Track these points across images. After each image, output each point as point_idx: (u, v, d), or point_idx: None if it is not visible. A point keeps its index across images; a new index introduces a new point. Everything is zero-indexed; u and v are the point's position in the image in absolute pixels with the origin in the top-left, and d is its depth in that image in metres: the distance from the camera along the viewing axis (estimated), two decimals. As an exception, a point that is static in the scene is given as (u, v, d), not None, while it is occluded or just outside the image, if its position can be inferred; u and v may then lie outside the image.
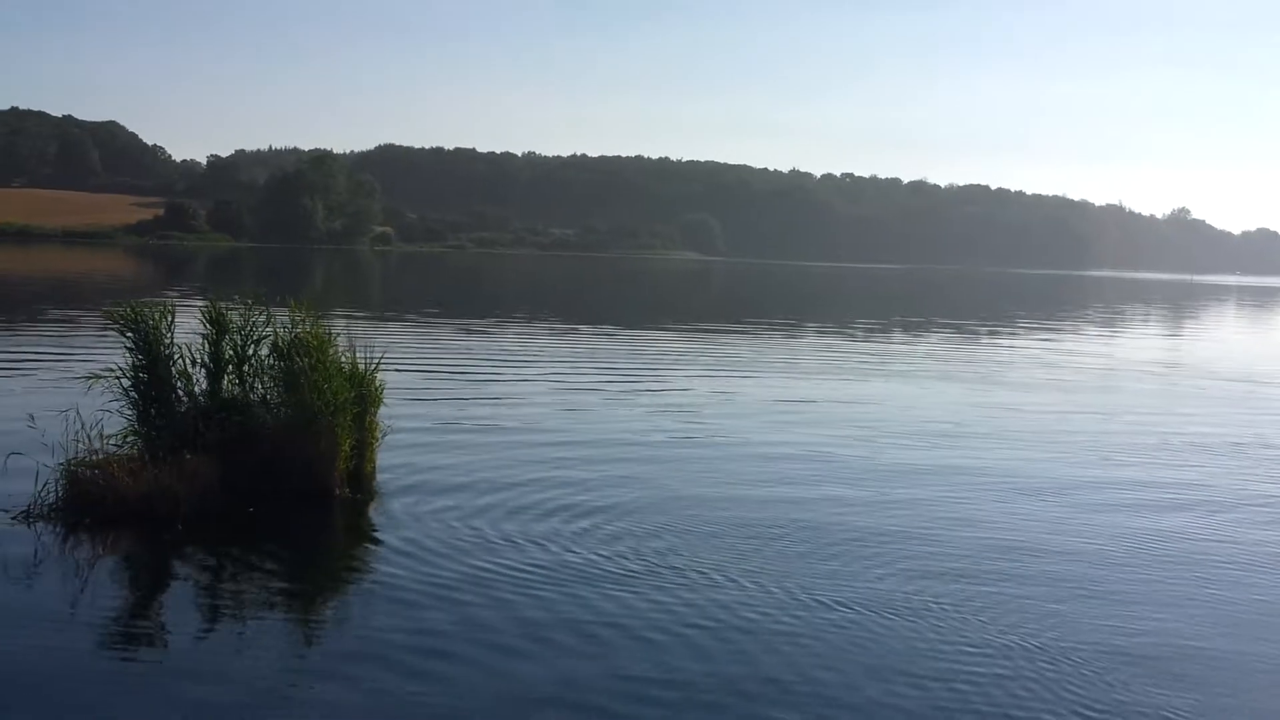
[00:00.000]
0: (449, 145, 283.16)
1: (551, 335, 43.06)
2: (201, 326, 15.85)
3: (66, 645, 10.15)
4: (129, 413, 15.34)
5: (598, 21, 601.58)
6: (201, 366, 15.73)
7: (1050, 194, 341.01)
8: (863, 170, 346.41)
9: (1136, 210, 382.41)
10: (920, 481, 17.92)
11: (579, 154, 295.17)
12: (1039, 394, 30.24)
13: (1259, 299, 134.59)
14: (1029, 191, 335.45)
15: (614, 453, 19.20)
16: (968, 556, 13.73)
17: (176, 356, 15.53)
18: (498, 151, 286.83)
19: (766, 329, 51.60)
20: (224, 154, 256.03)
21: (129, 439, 15.23)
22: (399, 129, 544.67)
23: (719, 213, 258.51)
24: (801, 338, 48.40)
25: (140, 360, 15.38)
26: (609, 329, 47.22)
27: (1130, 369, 38.74)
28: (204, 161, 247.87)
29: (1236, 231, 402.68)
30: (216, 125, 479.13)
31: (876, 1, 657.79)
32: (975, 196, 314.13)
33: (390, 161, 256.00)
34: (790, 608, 11.57)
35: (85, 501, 13.68)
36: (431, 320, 46.87)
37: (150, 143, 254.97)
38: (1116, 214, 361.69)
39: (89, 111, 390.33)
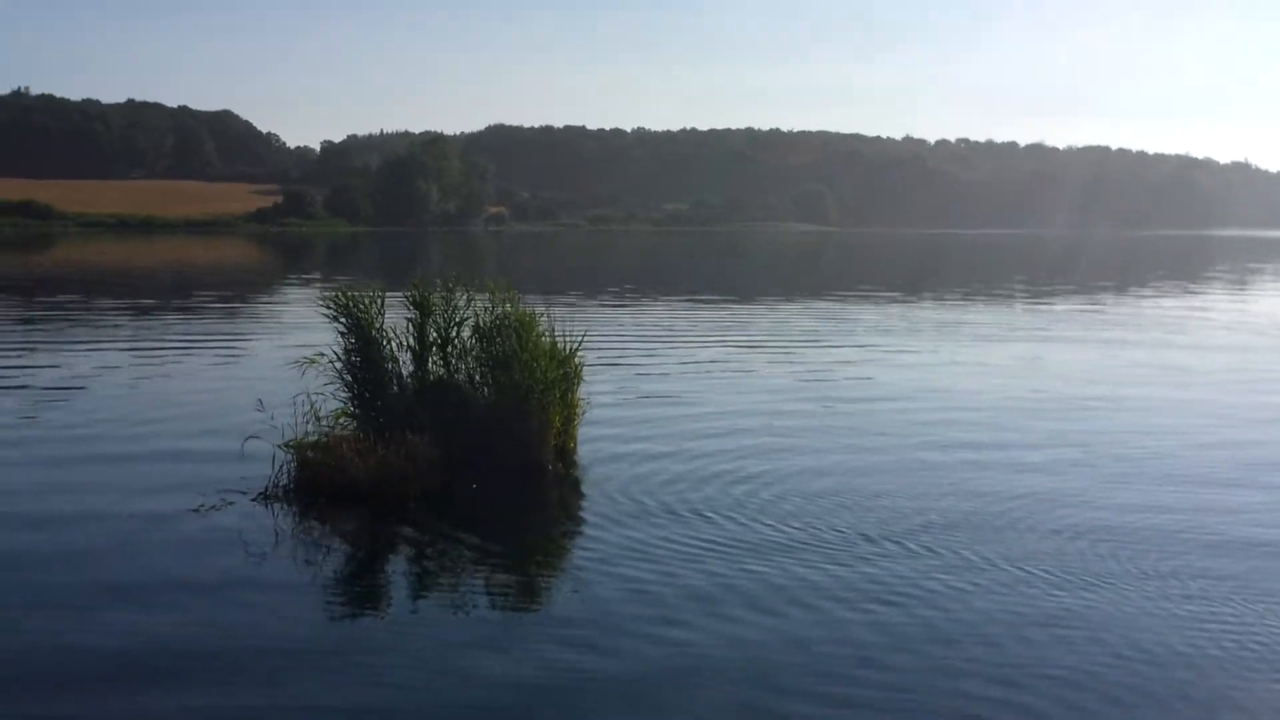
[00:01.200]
0: (558, 123, 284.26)
1: (695, 308, 42.92)
2: (406, 310, 15.97)
3: (299, 617, 10.36)
4: (343, 395, 15.63)
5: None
6: (408, 349, 15.87)
7: (1172, 153, 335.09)
8: (978, 135, 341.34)
9: (1264, 167, 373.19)
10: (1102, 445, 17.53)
11: (688, 128, 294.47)
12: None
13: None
14: (1150, 151, 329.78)
15: (785, 423, 19.18)
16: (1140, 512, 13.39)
17: (386, 340, 15.72)
18: (607, 128, 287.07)
19: (899, 298, 51.01)
20: (336, 140, 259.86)
21: (342, 420, 15.50)
22: (507, 109, 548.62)
23: (832, 183, 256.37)
24: (942, 305, 47.78)
25: (354, 344, 15.61)
26: (753, 301, 47.06)
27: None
28: (317, 148, 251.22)
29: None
30: (328, 111, 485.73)
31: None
32: (1095, 157, 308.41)
33: (500, 142, 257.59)
34: (965, 572, 11.44)
35: (318, 483, 13.93)
36: (572, 297, 46.98)
37: (264, 130, 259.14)
38: (1243, 171, 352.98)
39: (203, 101, 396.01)
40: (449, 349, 15.93)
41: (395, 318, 16.06)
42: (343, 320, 15.69)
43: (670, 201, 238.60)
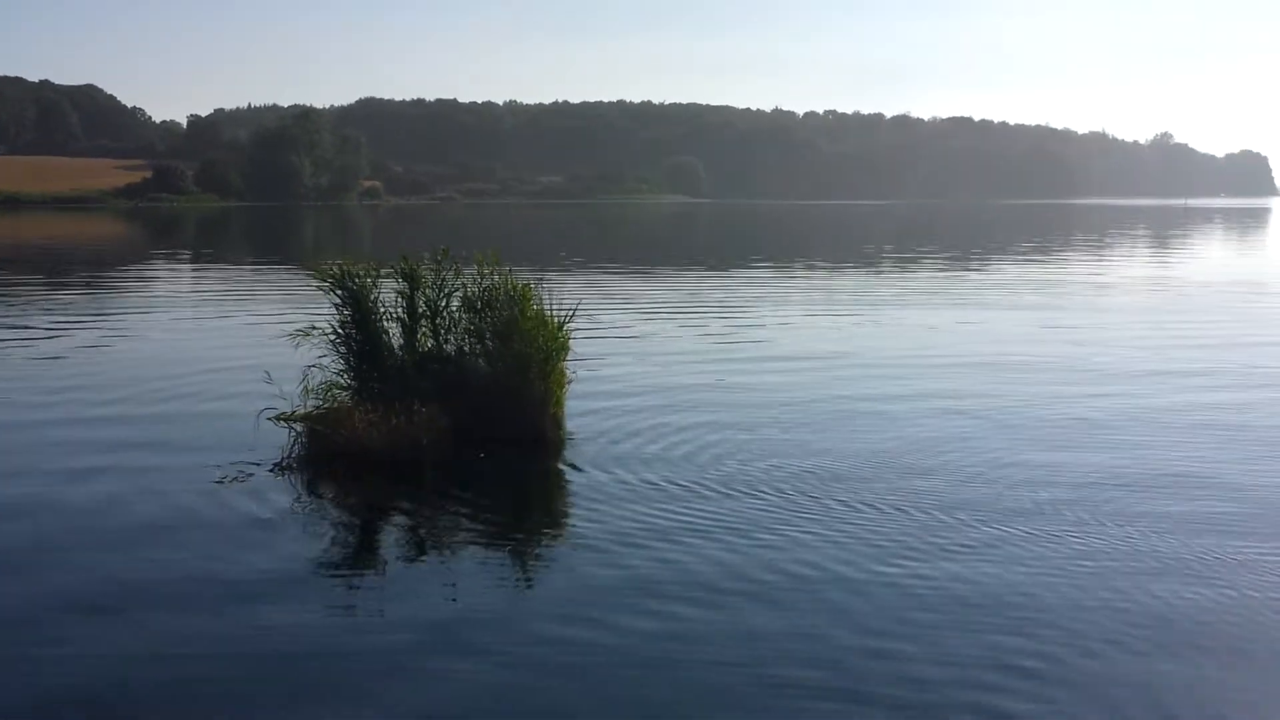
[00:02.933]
0: (430, 96, 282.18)
1: (605, 279, 43.36)
2: (395, 283, 16.33)
3: (313, 585, 10.68)
4: (339, 366, 15.99)
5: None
6: (397, 321, 16.26)
7: (1033, 123, 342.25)
8: (845, 107, 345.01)
9: (1120, 136, 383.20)
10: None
11: (561, 101, 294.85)
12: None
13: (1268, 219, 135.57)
14: (1012, 122, 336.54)
15: (745, 396, 19.65)
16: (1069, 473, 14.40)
17: (379, 312, 16.13)
18: (479, 101, 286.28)
19: (786, 267, 52.10)
20: (203, 114, 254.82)
21: (333, 392, 15.87)
22: (378, 82, 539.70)
23: (703, 154, 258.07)
24: (848, 273, 48.96)
25: (349, 315, 15.99)
26: (655, 272, 47.70)
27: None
28: (184, 122, 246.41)
29: (1220, 154, 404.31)
30: (194, 85, 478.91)
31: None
32: (959, 129, 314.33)
33: (372, 115, 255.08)
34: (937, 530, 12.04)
35: (331, 452, 14.25)
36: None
37: (129, 105, 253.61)
38: (1100, 141, 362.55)
39: (66, 75, 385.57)
40: (438, 320, 16.33)
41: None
42: (338, 292, 16.02)
43: (545, 174, 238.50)
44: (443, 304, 16.30)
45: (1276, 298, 39.17)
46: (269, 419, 15.55)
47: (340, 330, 15.99)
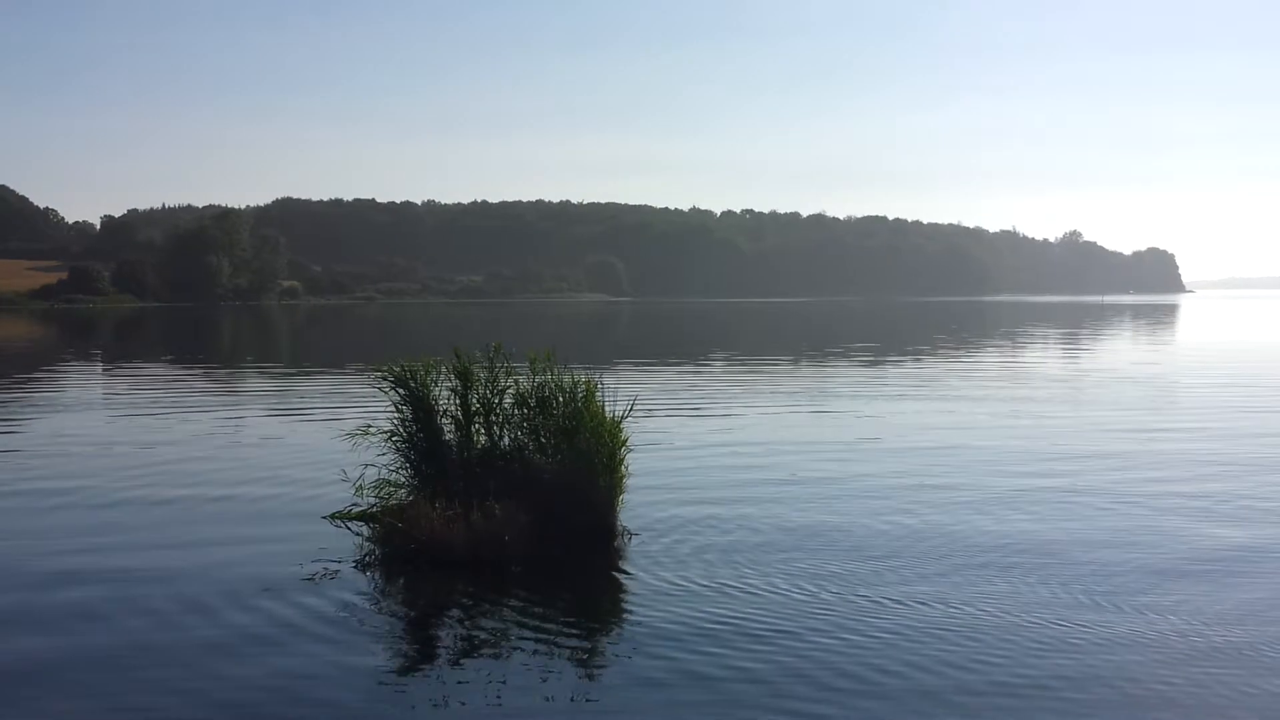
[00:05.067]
0: (347, 196, 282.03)
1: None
2: (449, 380, 16.22)
3: (414, 685, 10.58)
4: (398, 464, 15.85)
5: (488, 66, 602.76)
6: (450, 419, 16.11)
7: (946, 222, 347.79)
8: (762, 205, 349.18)
9: (1030, 234, 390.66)
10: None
11: (479, 200, 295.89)
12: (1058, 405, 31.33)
13: (1178, 314, 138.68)
14: (925, 220, 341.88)
15: (793, 490, 19.83)
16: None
17: (439, 411, 16.01)
18: (398, 201, 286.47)
19: (711, 361, 52.30)
20: (116, 214, 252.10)
21: (388, 490, 15.74)
22: (295, 182, 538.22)
23: (622, 253, 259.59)
24: (782, 369, 49.25)
25: (409, 414, 15.85)
26: (609, 368, 47.76)
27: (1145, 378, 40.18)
28: (97, 223, 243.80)
29: (1128, 251, 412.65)
30: (107, 185, 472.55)
31: (762, 34, 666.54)
32: (874, 227, 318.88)
33: (289, 215, 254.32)
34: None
35: (410, 549, 14.02)
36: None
37: (41, 205, 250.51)
38: (1011, 239, 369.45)
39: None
40: (491, 417, 16.18)
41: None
42: (399, 391, 15.92)
43: (464, 274, 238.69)
44: (496, 401, 16.16)
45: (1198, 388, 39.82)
46: (338, 517, 15.43)
47: (401, 429, 15.88)
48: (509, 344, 16.58)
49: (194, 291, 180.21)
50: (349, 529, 15.93)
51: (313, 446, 23.94)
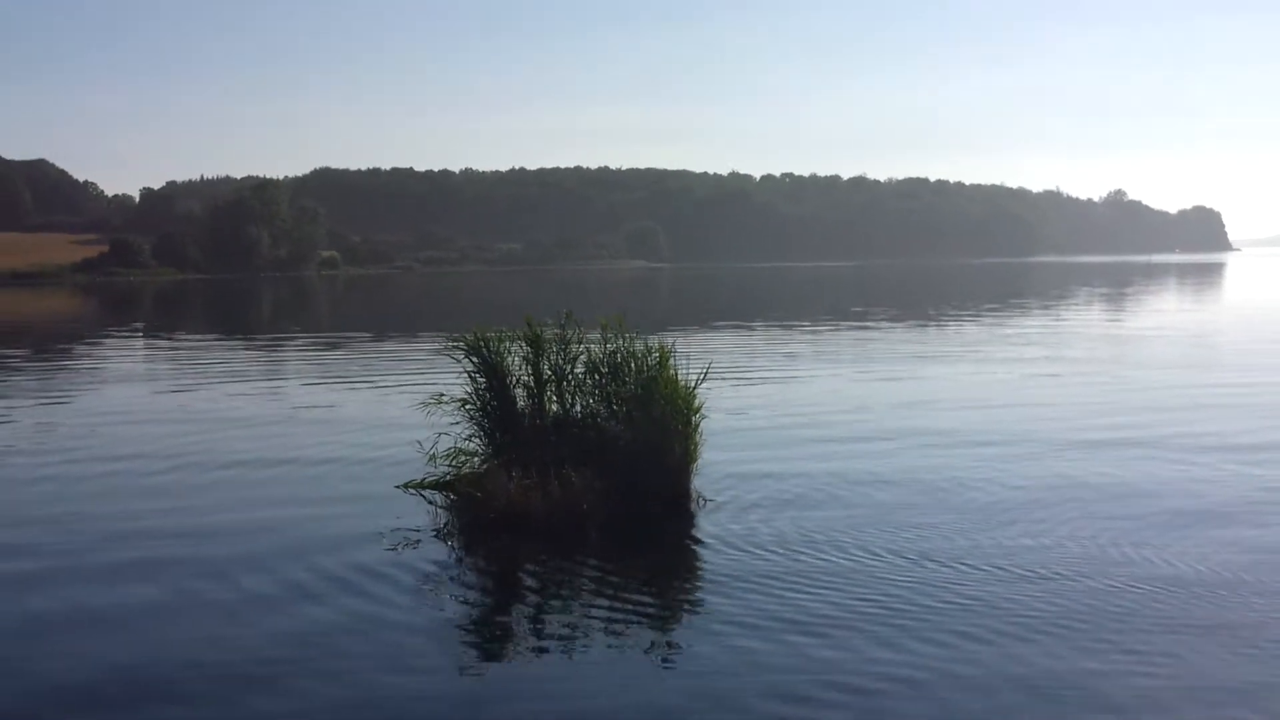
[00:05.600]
0: (385, 166, 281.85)
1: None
2: (521, 348, 15.92)
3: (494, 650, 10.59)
4: (473, 432, 15.52)
5: (525, 33, 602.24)
6: (522, 386, 15.66)
7: (988, 183, 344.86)
8: (802, 169, 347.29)
9: (1073, 194, 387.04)
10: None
11: (517, 167, 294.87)
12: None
13: (1224, 273, 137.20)
14: (968, 182, 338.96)
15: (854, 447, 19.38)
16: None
17: (512, 379, 15.68)
18: (435, 170, 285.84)
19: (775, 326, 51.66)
20: (155, 186, 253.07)
21: (461, 458, 15.35)
22: (333, 152, 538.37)
23: (662, 219, 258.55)
24: (877, 330, 48.58)
25: (483, 383, 15.44)
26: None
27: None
28: (137, 195, 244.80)
29: (1173, 210, 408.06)
30: (146, 157, 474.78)
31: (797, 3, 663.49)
32: (915, 189, 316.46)
33: (327, 185, 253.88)
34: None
35: (488, 517, 13.61)
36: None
37: (81, 179, 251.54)
38: (1055, 199, 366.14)
39: (14, 150, 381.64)
40: (563, 384, 15.68)
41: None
42: (473, 360, 15.46)
43: (503, 242, 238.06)
44: (568, 368, 15.64)
45: None
46: (412, 486, 15.19)
47: (475, 397, 15.43)
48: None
49: (234, 263, 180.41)
50: (424, 497, 15.55)
51: (375, 416, 23.77)
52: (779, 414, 23.34)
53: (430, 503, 15.28)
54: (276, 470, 18.38)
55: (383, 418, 23.21)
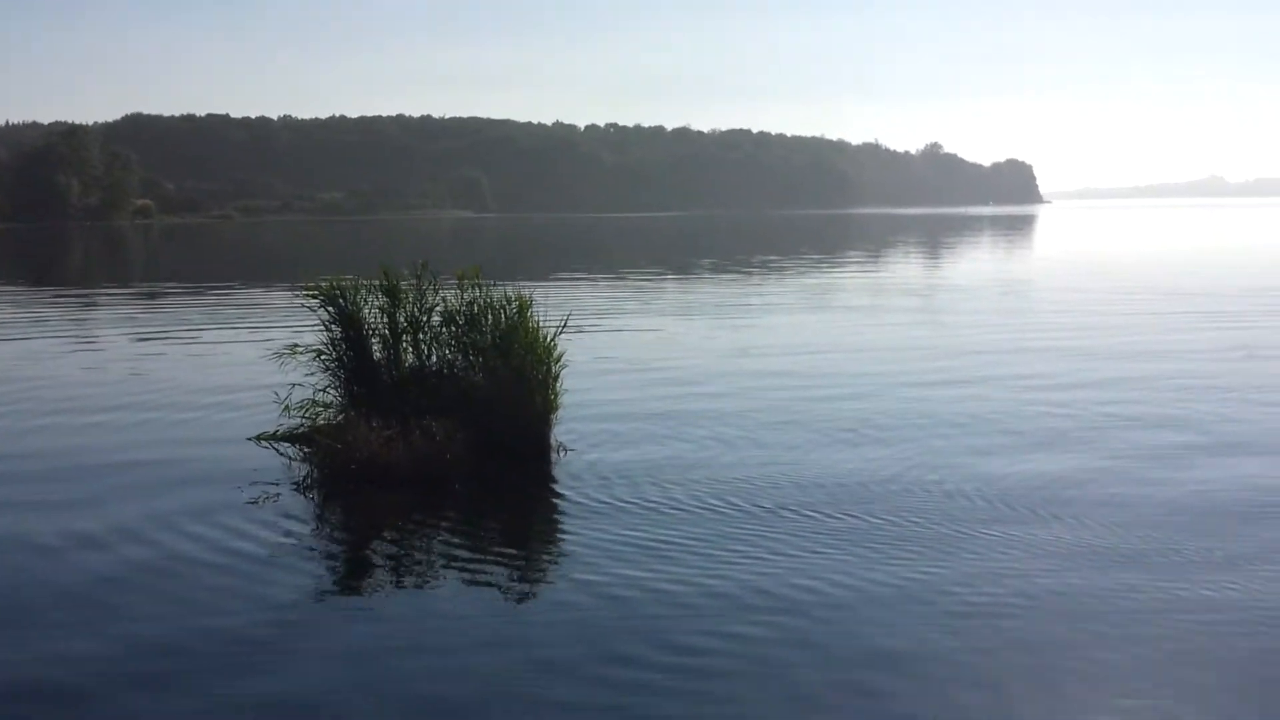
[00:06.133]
0: (200, 112, 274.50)
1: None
2: (376, 299, 15.64)
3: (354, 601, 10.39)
4: (328, 383, 15.38)
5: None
6: (378, 337, 15.50)
7: (809, 135, 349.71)
8: (626, 120, 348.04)
9: (892, 147, 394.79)
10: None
11: (338, 115, 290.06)
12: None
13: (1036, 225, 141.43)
14: (789, 133, 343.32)
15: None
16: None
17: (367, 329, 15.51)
18: (253, 116, 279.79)
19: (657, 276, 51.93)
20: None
21: (316, 409, 15.22)
22: (145, 97, 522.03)
23: (486, 168, 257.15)
24: (697, 281, 49.00)
25: (339, 334, 15.27)
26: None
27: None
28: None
29: (987, 163, 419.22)
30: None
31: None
32: (738, 140, 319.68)
33: (140, 132, 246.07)
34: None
35: (352, 469, 13.52)
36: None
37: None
38: (874, 152, 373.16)
39: None
40: (419, 335, 15.57)
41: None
42: (329, 309, 15.25)
43: (324, 190, 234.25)
44: (424, 319, 15.54)
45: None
46: (265, 438, 14.97)
47: (331, 348, 15.24)
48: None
49: (43, 211, 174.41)
50: (277, 450, 15.27)
51: (216, 369, 23.17)
52: (616, 362, 23.41)
53: (285, 455, 14.95)
54: (112, 416, 17.97)
55: (225, 370, 22.69)
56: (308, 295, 15.43)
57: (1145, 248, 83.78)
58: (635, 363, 23.63)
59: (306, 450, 14.84)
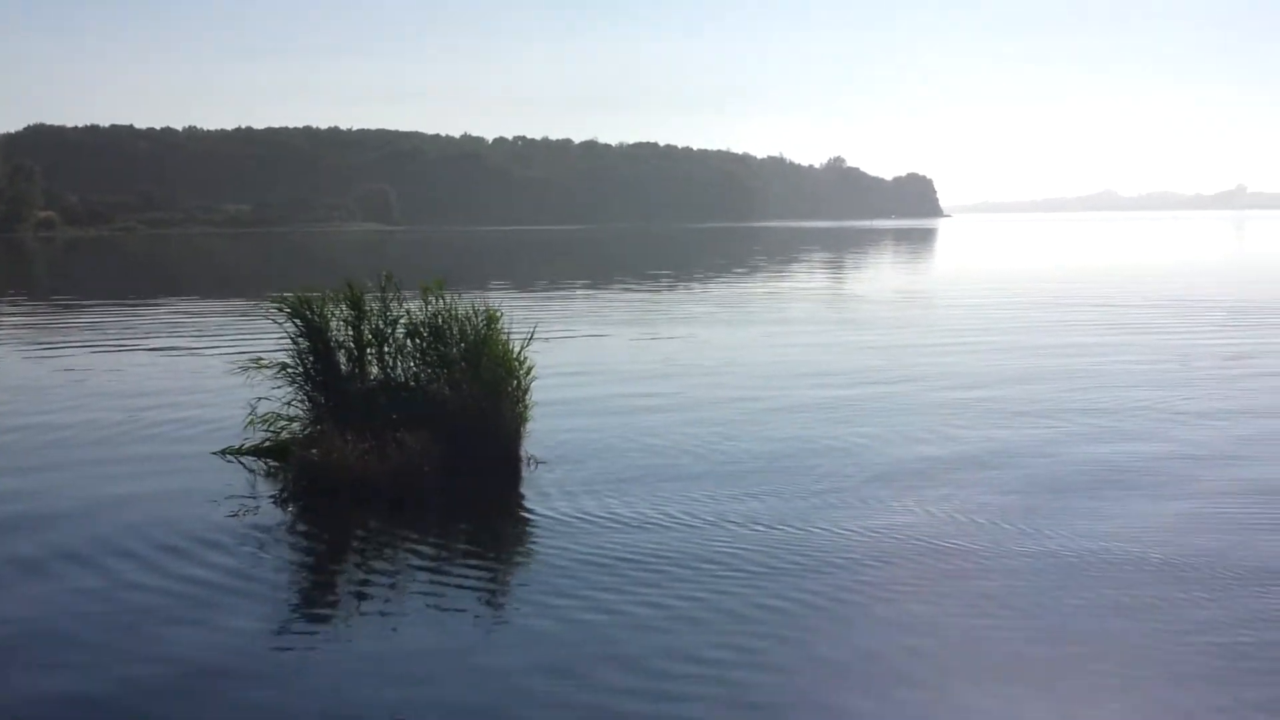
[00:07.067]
0: (104, 123, 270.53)
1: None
2: (341, 311, 15.99)
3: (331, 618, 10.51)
4: (297, 396, 15.75)
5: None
6: (343, 350, 15.90)
7: (715, 148, 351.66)
8: (534, 132, 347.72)
9: (796, 161, 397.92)
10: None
11: (244, 126, 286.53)
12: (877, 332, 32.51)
13: (956, 238, 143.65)
14: (695, 147, 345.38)
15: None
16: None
17: (336, 342, 15.88)
18: (158, 127, 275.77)
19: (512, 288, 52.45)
20: None
21: (281, 423, 15.64)
22: (49, 108, 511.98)
23: (394, 181, 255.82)
24: (619, 293, 49.60)
25: (307, 346, 15.65)
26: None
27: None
28: None
29: (889, 177, 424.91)
30: None
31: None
32: (645, 153, 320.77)
33: (42, 142, 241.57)
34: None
35: (328, 483, 13.87)
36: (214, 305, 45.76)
37: None
38: (778, 165, 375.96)
39: None
40: (384, 348, 16.01)
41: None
42: (296, 322, 15.65)
43: (231, 202, 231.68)
44: (389, 331, 15.99)
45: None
46: (231, 452, 15.43)
47: (298, 360, 15.65)
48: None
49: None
50: (243, 464, 15.62)
51: (165, 382, 23.28)
52: (570, 370, 23.84)
53: (251, 470, 15.22)
54: (66, 434, 18.01)
55: (173, 384, 22.93)
56: (275, 307, 15.78)
57: (1044, 260, 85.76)
58: (588, 371, 24.23)
59: (275, 464, 15.25)
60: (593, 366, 25.35)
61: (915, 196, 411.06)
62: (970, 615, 10.13)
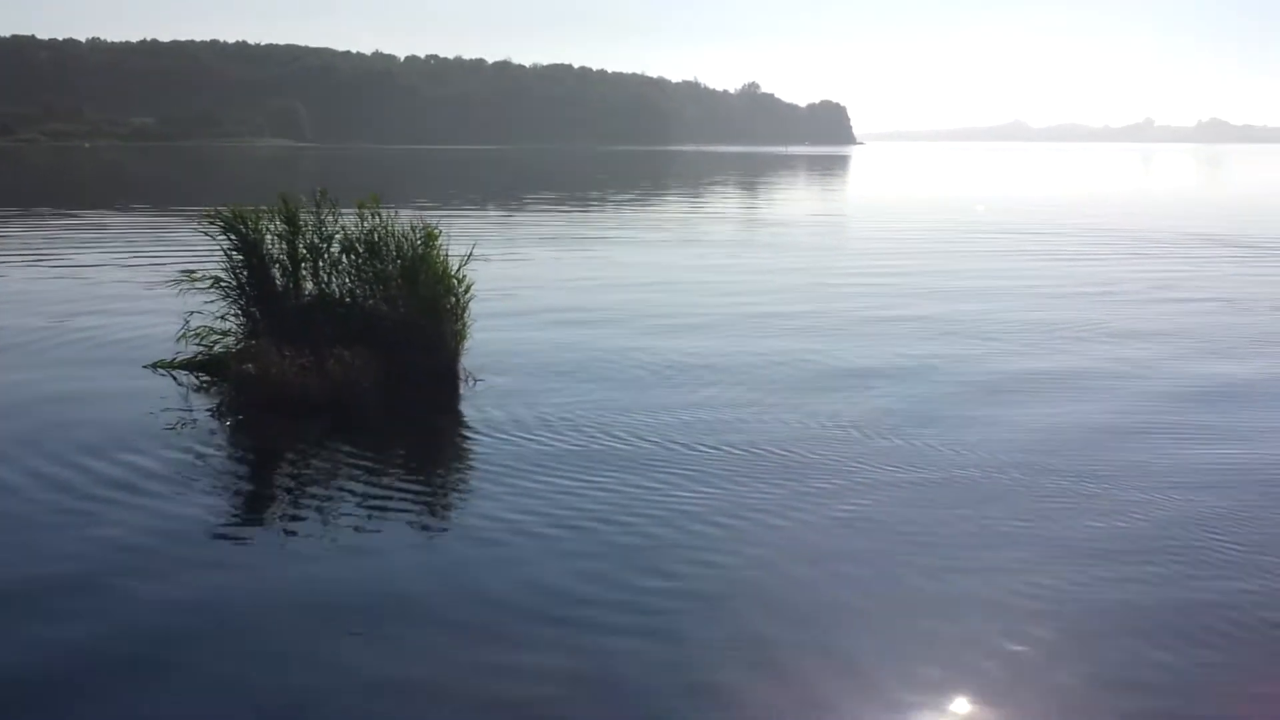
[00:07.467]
0: (4, 32, 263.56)
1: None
2: (276, 225, 15.78)
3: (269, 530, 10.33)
4: (231, 311, 15.62)
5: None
6: (277, 265, 15.76)
7: (630, 71, 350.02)
8: (447, 52, 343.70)
9: (711, 86, 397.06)
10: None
11: (149, 39, 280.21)
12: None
13: (868, 163, 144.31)
14: (610, 70, 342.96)
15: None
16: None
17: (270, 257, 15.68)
18: (60, 38, 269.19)
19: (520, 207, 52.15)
20: None
21: (215, 337, 15.58)
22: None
23: (304, 98, 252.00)
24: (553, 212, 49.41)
25: (242, 261, 15.50)
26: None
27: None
28: None
29: (803, 104, 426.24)
30: None
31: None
32: (559, 75, 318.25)
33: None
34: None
35: (262, 396, 13.79)
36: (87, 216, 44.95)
37: None
38: (693, 90, 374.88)
39: None
40: (319, 264, 15.90)
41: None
42: (230, 236, 15.49)
43: (136, 116, 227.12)
44: (324, 247, 15.87)
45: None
46: (164, 366, 15.35)
47: (233, 275, 15.51)
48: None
49: None
50: (175, 379, 15.46)
51: (86, 296, 22.86)
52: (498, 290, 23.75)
53: (183, 384, 15.07)
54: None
55: (97, 298, 22.57)
56: (208, 220, 15.59)
57: (961, 187, 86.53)
58: (519, 289, 24.12)
59: (208, 378, 15.17)
60: (524, 284, 25.27)
61: (829, 124, 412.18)
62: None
